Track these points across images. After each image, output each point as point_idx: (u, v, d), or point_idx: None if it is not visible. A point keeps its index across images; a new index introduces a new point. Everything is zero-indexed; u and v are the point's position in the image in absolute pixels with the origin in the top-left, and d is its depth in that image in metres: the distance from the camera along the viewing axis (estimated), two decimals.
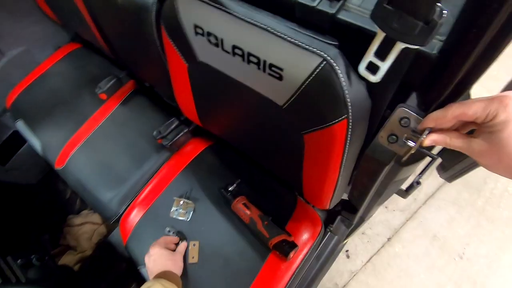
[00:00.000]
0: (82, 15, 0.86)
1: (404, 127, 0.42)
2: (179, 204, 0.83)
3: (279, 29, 0.41)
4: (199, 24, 0.49)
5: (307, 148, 0.51)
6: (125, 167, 0.93)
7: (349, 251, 1.43)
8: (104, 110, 1.05)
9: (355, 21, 0.39)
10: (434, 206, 1.45)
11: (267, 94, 0.49)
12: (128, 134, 0.99)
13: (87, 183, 0.91)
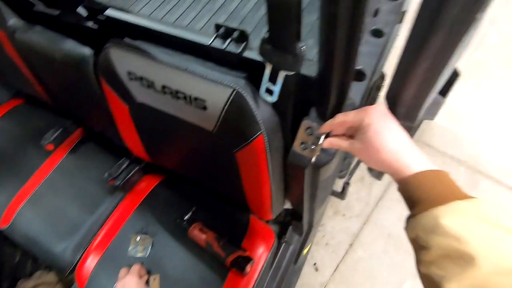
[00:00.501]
0: (22, 72, 0.89)
1: (310, 135, 0.52)
2: (136, 241, 0.84)
3: (197, 69, 0.50)
4: (132, 71, 0.57)
5: (240, 164, 0.59)
6: (77, 214, 0.93)
7: (316, 263, 1.48)
8: (51, 162, 1.04)
9: (255, 57, 0.49)
10: (385, 207, 1.59)
11: (198, 123, 0.57)
12: (78, 182, 0.99)
13: (37, 237, 0.89)
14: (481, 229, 0.31)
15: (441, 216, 0.32)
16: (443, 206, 0.33)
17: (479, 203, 0.33)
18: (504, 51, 1.84)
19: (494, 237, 0.30)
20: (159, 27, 0.57)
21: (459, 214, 0.32)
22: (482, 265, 0.29)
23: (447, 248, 0.31)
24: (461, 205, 0.33)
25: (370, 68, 0.64)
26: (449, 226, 0.31)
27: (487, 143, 1.56)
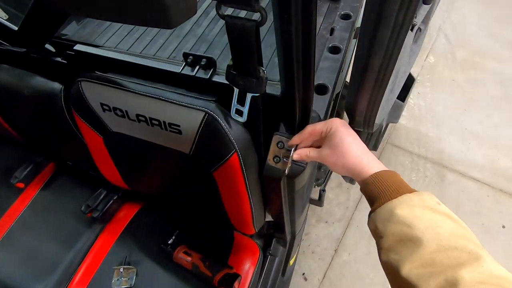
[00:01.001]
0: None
1: (281, 148, 0.55)
2: (120, 272, 0.82)
3: (169, 96, 0.53)
4: (105, 103, 0.58)
5: (218, 183, 0.61)
6: (55, 252, 0.89)
7: (305, 273, 1.49)
8: (23, 200, 1.00)
9: (224, 81, 0.53)
10: (363, 209, 1.65)
11: (174, 147, 0.59)
12: (53, 218, 0.96)
13: (11, 280, 0.84)
14: (425, 216, 0.36)
15: (395, 207, 0.38)
16: (396, 199, 0.38)
17: (422, 194, 0.39)
18: (452, 55, 2.02)
19: (434, 221, 0.36)
20: (130, 59, 0.60)
21: (408, 205, 0.37)
22: (427, 245, 0.34)
23: (400, 234, 0.36)
24: (409, 197, 0.38)
25: (331, 82, 0.70)
26: (401, 215, 0.37)
27: (447, 140, 1.69)
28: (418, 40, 1.03)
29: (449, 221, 0.36)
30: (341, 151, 0.46)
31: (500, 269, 0.32)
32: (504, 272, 0.32)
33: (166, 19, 0.34)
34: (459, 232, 0.36)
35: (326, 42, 0.78)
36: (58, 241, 0.91)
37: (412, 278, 0.33)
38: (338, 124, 0.48)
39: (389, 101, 0.98)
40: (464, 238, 0.35)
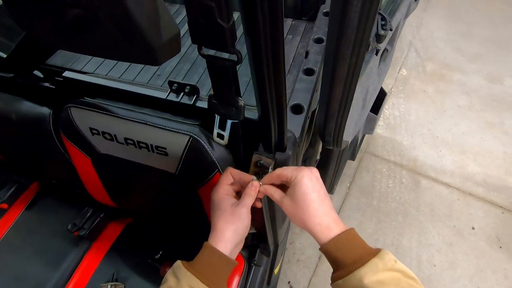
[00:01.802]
0: None
1: (260, 166, 0.60)
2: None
3: (156, 122, 0.57)
4: (94, 127, 0.62)
5: (203, 199, 0.65)
6: (40, 272, 0.89)
7: (290, 281, 1.53)
8: (6, 220, 1.00)
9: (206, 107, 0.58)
10: (345, 217, 1.71)
11: (161, 167, 0.63)
12: (38, 238, 0.96)
13: None
14: (388, 279, 0.39)
15: (363, 277, 0.39)
16: (363, 267, 0.39)
17: (383, 257, 0.40)
18: (423, 68, 2.16)
19: (395, 283, 0.39)
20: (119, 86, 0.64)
21: (374, 271, 0.39)
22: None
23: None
24: (374, 262, 0.40)
25: (306, 102, 0.76)
26: (370, 282, 0.38)
27: (420, 148, 1.80)
28: (387, 59, 1.13)
29: (404, 280, 0.40)
30: (302, 207, 0.45)
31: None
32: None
33: (153, 58, 0.39)
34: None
35: (302, 64, 0.85)
36: (44, 261, 0.91)
37: None
38: (304, 176, 0.46)
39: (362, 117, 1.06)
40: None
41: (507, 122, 1.84)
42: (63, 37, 0.44)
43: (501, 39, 2.25)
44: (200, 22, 0.36)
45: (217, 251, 0.45)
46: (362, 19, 0.34)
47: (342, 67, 0.40)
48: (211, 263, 0.44)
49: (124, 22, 0.34)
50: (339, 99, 0.46)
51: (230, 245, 0.46)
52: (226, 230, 0.46)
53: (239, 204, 0.47)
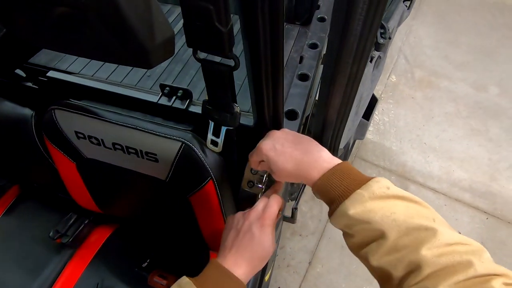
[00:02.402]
0: None
1: (255, 174, 0.59)
2: None
3: (146, 127, 0.55)
4: (80, 131, 0.59)
5: (195, 207, 0.63)
6: (19, 281, 0.84)
7: (280, 287, 1.52)
8: None
9: (200, 111, 0.56)
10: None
11: (151, 174, 0.60)
12: (17, 245, 0.91)
13: None
14: (378, 207, 0.37)
15: (348, 208, 0.37)
16: (347, 200, 0.38)
17: (371, 186, 0.38)
18: (411, 74, 2.20)
19: (387, 209, 0.36)
20: (108, 88, 0.61)
21: (360, 201, 0.37)
22: (389, 234, 0.35)
23: (363, 232, 0.37)
24: (359, 194, 0.38)
25: (301, 107, 0.75)
26: (356, 214, 0.37)
27: (408, 153, 1.82)
28: (379, 66, 1.13)
29: (401, 204, 0.37)
30: (279, 175, 0.46)
31: (453, 236, 0.34)
32: (458, 237, 0.34)
33: (146, 61, 0.37)
34: (412, 211, 0.36)
35: (296, 70, 0.84)
36: (23, 270, 0.86)
37: (383, 266, 0.35)
38: (264, 151, 0.46)
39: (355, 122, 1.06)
40: (418, 216, 0.36)
41: (492, 130, 1.89)
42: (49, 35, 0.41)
43: (486, 48, 2.32)
44: (196, 25, 0.34)
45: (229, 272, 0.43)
46: (365, 28, 0.33)
47: (342, 75, 0.39)
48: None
49: (115, 22, 0.32)
50: (338, 107, 0.45)
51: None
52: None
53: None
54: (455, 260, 0.32)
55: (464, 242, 0.34)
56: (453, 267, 0.32)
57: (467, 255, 0.32)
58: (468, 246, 0.34)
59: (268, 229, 0.46)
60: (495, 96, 2.05)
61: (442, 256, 0.32)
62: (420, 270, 0.32)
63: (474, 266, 0.31)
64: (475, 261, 0.32)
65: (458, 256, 0.32)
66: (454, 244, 0.33)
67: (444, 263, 0.32)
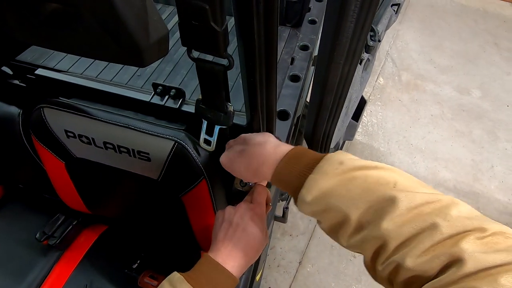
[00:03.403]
0: None
1: None
2: None
3: (138, 125, 0.54)
4: (69, 130, 0.58)
5: (187, 206, 0.62)
6: (3, 285, 0.82)
7: (271, 287, 1.52)
8: None
9: (193, 110, 0.56)
10: None
11: (143, 173, 0.60)
12: (2, 247, 0.88)
13: None
14: (334, 188, 0.34)
15: (305, 198, 0.35)
16: (303, 189, 0.36)
17: (321, 167, 0.36)
18: (398, 77, 2.25)
19: (344, 188, 0.33)
20: (98, 86, 0.60)
21: (314, 187, 0.35)
22: (350, 215, 0.33)
23: (327, 217, 0.35)
24: (311, 178, 0.35)
25: (292, 108, 0.76)
26: (315, 201, 0.35)
27: (396, 154, 1.86)
28: (368, 68, 1.16)
29: (358, 175, 0.34)
30: (244, 178, 0.48)
31: (416, 197, 0.31)
32: (421, 198, 0.31)
33: (139, 59, 0.37)
34: (370, 181, 0.33)
35: (287, 71, 0.85)
36: (8, 273, 0.84)
37: (354, 247, 0.34)
38: (222, 163, 0.47)
39: (344, 123, 1.08)
40: (377, 185, 0.33)
41: (475, 131, 1.96)
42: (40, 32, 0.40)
43: (468, 53, 2.40)
44: (192, 25, 0.35)
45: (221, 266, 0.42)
46: (357, 29, 0.34)
47: (334, 75, 0.40)
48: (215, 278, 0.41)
49: (109, 19, 0.32)
50: (329, 107, 0.46)
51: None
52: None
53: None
54: (418, 226, 0.29)
55: (429, 201, 0.30)
56: (418, 234, 0.29)
57: (431, 217, 0.29)
58: (434, 204, 0.30)
59: (259, 218, 0.46)
60: (477, 99, 2.12)
61: (404, 225, 0.29)
62: (386, 245, 0.30)
63: (440, 228, 0.28)
64: (440, 221, 0.28)
65: (421, 221, 0.29)
66: (419, 207, 0.30)
67: (408, 233, 0.29)
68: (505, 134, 1.94)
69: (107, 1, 0.31)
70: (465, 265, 0.25)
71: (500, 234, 0.27)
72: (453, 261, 0.26)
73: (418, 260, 0.28)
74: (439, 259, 0.27)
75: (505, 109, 2.07)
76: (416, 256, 0.28)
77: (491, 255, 0.25)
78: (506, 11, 2.74)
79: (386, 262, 0.30)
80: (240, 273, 0.43)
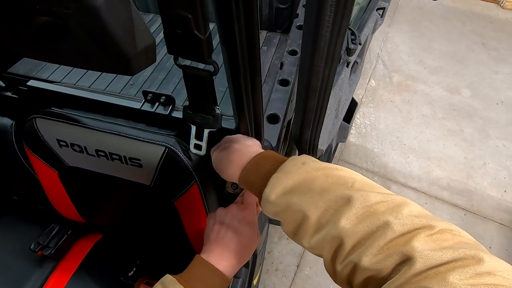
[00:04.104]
0: None
1: None
2: None
3: (129, 132, 0.55)
4: (62, 139, 0.59)
5: (180, 211, 0.63)
6: None
7: None
8: None
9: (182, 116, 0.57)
10: None
11: (135, 179, 0.60)
12: None
13: None
14: (296, 185, 0.35)
15: (269, 196, 0.36)
16: (267, 187, 0.37)
17: (285, 166, 0.37)
18: (390, 79, 2.29)
19: (305, 187, 0.35)
20: (90, 96, 0.61)
21: (277, 185, 0.36)
22: (310, 214, 0.33)
23: (288, 217, 0.35)
24: (274, 177, 0.37)
25: (282, 112, 0.78)
26: (278, 199, 0.35)
27: (390, 154, 1.89)
28: (357, 70, 1.18)
29: (319, 175, 0.35)
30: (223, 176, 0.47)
31: (370, 197, 0.31)
32: (375, 197, 0.31)
33: (127, 68, 0.38)
34: (330, 181, 0.34)
35: (277, 75, 0.87)
36: (4, 285, 0.84)
37: (314, 247, 0.34)
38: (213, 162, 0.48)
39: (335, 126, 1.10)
40: (336, 185, 0.34)
41: (466, 130, 1.99)
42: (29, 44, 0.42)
43: (457, 54, 2.45)
44: (176, 33, 0.36)
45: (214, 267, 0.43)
46: (333, 34, 0.35)
47: (316, 78, 0.42)
48: (207, 278, 0.42)
49: (97, 31, 0.34)
50: (314, 109, 0.47)
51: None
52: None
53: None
54: (372, 225, 0.29)
55: (383, 200, 0.31)
56: (373, 232, 0.29)
57: (384, 216, 0.30)
58: (387, 203, 0.31)
59: (250, 219, 0.47)
60: (467, 98, 2.16)
61: (359, 224, 0.30)
62: (343, 244, 0.30)
63: (391, 226, 0.29)
64: (392, 219, 0.29)
65: (375, 219, 0.30)
66: (374, 205, 0.31)
67: (363, 231, 0.30)
68: (495, 131, 1.98)
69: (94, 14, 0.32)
70: (415, 263, 0.26)
71: (447, 231, 0.28)
72: (405, 260, 0.27)
73: (374, 259, 0.28)
74: (392, 257, 0.28)
75: (495, 107, 2.11)
76: (372, 255, 0.28)
77: (438, 253, 0.26)
78: (492, 12, 2.81)
79: (344, 262, 0.31)
80: (233, 273, 0.44)
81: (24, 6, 0.36)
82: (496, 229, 1.61)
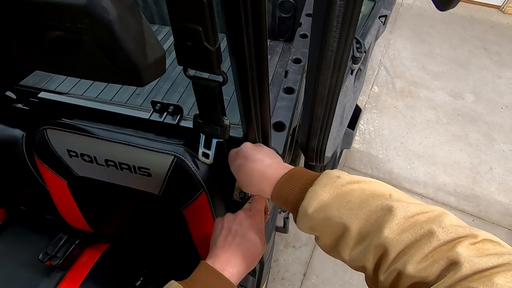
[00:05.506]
0: None
1: None
2: None
3: (138, 142, 0.56)
4: (72, 149, 0.59)
5: (188, 220, 0.63)
6: None
7: None
8: None
9: (191, 126, 0.58)
10: None
11: (144, 189, 0.61)
12: (5, 269, 0.88)
13: None
14: (332, 200, 0.36)
15: (306, 209, 0.37)
16: (303, 201, 0.37)
17: (320, 179, 0.38)
18: (392, 85, 2.30)
19: (342, 199, 0.35)
20: (99, 106, 0.62)
21: (314, 198, 0.36)
22: (350, 226, 0.34)
23: (327, 230, 0.36)
24: (311, 191, 0.37)
25: (288, 119, 0.78)
26: (315, 212, 0.36)
27: (394, 160, 1.88)
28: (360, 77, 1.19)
29: (355, 188, 0.36)
30: (243, 188, 0.48)
31: (410, 208, 0.32)
32: (415, 208, 0.32)
33: (138, 79, 0.39)
34: (367, 193, 0.35)
35: (282, 84, 0.88)
36: None
37: (356, 259, 0.34)
38: (231, 167, 0.49)
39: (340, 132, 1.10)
40: (374, 197, 0.34)
41: (471, 135, 1.98)
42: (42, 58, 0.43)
43: (458, 59, 2.46)
44: (186, 45, 0.37)
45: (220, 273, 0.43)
46: (340, 44, 0.36)
47: (323, 87, 0.42)
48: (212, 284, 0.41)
49: (110, 44, 0.35)
50: (321, 117, 0.48)
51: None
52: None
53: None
54: (416, 233, 0.30)
55: (423, 211, 0.32)
56: (417, 241, 0.30)
57: (428, 224, 0.31)
58: (428, 213, 0.32)
59: (258, 226, 0.47)
60: (471, 103, 2.16)
61: (403, 233, 0.31)
62: (387, 253, 0.31)
63: (436, 234, 0.30)
64: (436, 228, 0.30)
65: (419, 228, 0.31)
66: (415, 216, 0.32)
67: (407, 240, 0.31)
68: (501, 136, 1.96)
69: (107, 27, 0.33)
70: (462, 268, 0.27)
71: (488, 241, 0.30)
72: (451, 265, 0.28)
73: (418, 266, 0.29)
74: (438, 263, 0.28)
75: (499, 111, 2.10)
76: (417, 263, 0.29)
77: (483, 259, 0.27)
78: (493, 17, 2.83)
79: (388, 270, 0.31)
80: (238, 280, 0.44)
81: (39, 22, 0.37)
82: (505, 235, 1.58)
